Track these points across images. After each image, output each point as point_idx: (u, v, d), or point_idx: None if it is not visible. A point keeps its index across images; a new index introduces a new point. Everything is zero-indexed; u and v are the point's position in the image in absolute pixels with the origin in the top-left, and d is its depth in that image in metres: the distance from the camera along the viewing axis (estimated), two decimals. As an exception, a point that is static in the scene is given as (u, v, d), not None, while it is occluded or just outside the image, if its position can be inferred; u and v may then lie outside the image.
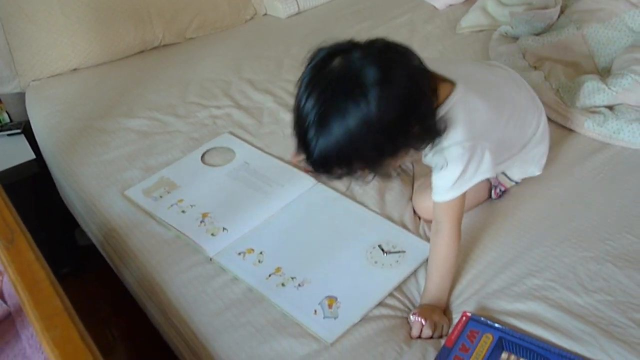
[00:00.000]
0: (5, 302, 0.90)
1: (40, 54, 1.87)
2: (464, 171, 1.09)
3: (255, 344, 1.08)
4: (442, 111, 1.06)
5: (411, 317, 1.11)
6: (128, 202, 1.41)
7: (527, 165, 1.31)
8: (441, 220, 1.14)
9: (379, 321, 1.11)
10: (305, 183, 1.41)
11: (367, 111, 0.91)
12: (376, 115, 0.92)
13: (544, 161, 1.34)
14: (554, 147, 1.49)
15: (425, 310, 1.10)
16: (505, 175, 1.33)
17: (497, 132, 1.15)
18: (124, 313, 1.67)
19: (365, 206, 1.35)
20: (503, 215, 1.32)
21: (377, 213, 1.33)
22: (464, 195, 1.12)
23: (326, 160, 0.96)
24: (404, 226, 1.30)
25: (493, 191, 1.32)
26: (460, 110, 1.08)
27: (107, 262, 1.48)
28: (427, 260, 1.18)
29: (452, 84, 1.09)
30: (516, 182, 1.34)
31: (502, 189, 1.33)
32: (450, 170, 1.10)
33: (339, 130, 0.92)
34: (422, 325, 1.09)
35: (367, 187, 1.35)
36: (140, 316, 1.37)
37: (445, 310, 1.14)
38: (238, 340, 1.09)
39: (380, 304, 1.13)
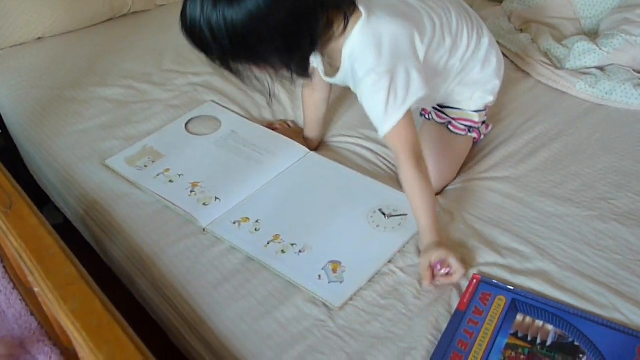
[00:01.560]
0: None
1: (1, 21, 1.77)
2: (390, 96, 1.07)
3: (258, 315, 1.05)
4: (346, 43, 1.07)
5: (422, 260, 1.10)
6: (110, 172, 1.36)
7: (475, 90, 1.30)
8: (397, 155, 1.12)
9: (385, 285, 1.09)
10: (298, 151, 1.39)
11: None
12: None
13: (492, 87, 1.33)
14: (546, 109, 1.50)
15: (430, 251, 1.09)
16: (461, 109, 1.32)
17: (420, 51, 1.13)
18: (104, 292, 1.55)
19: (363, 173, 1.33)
20: (505, 180, 1.32)
21: (374, 179, 1.30)
22: (407, 121, 1.09)
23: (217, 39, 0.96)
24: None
25: (478, 138, 1.34)
26: (365, 37, 1.07)
27: (78, 241, 1.42)
28: None
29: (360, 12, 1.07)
30: (479, 112, 1.33)
31: (470, 124, 1.33)
32: (374, 99, 1.08)
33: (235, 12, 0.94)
34: (433, 270, 1.08)
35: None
36: (124, 294, 1.31)
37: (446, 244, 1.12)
38: (239, 312, 1.06)
39: (385, 266, 1.12)
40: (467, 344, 0.97)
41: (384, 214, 1.23)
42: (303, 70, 1.07)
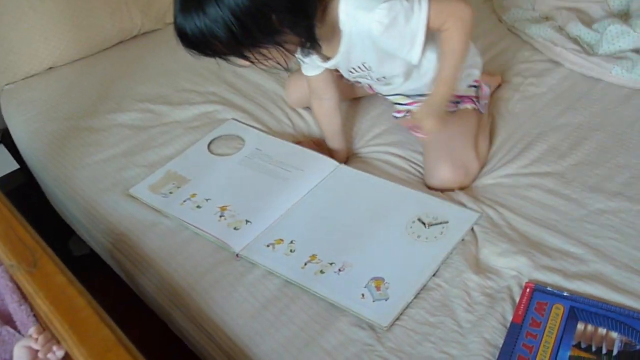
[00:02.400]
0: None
1: (11, 54, 1.75)
2: (406, 11, 1.12)
3: (302, 343, 1.02)
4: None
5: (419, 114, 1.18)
6: (135, 202, 1.34)
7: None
8: (446, 24, 1.14)
9: (433, 300, 1.06)
10: (327, 166, 1.35)
11: None
12: None
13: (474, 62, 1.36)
14: (582, 99, 1.45)
15: (432, 114, 1.18)
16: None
17: None
18: (137, 326, 1.48)
19: (396, 181, 1.30)
20: (547, 176, 1.29)
21: (409, 187, 1.28)
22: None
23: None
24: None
25: (477, 105, 1.34)
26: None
27: (108, 270, 1.41)
28: (472, 229, 1.17)
29: None
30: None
31: (455, 99, 1.32)
32: (395, 27, 1.13)
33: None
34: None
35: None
36: (157, 326, 1.29)
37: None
38: (282, 342, 1.03)
39: (431, 280, 1.09)
40: None
41: (423, 223, 1.20)
42: (311, 37, 1.09)
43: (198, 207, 1.30)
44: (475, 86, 1.37)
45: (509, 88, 1.52)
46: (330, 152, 1.42)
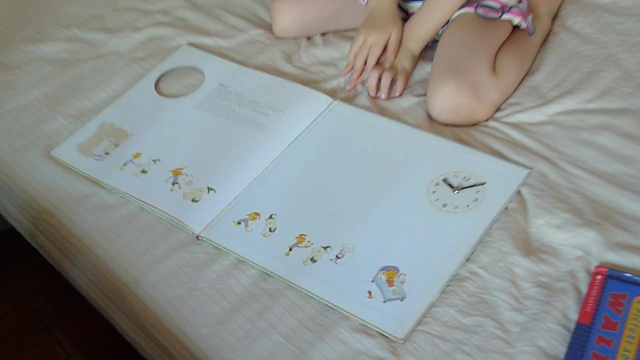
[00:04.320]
0: None
1: None
2: None
3: (288, 359, 0.96)
4: None
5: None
6: (59, 166, 1.30)
7: None
8: None
9: (466, 294, 0.99)
10: (317, 103, 1.31)
11: None
12: None
13: None
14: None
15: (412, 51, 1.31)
16: None
17: None
18: (76, 315, 1.63)
19: (407, 123, 1.27)
20: (622, 113, 1.21)
21: (427, 131, 1.23)
22: None
23: None
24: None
25: (526, 22, 1.31)
26: None
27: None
28: (518, 191, 1.10)
29: None
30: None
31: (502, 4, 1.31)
32: None
33: None
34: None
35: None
36: (99, 317, 1.28)
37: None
38: (261, 357, 0.97)
39: (463, 267, 1.03)
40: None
41: (450, 185, 1.12)
42: None
43: (143, 172, 1.26)
44: None
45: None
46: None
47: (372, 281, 1.02)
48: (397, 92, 1.29)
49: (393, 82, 1.30)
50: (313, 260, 1.07)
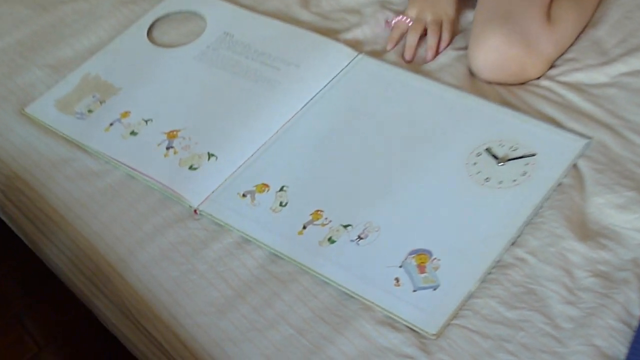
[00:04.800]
0: None
1: None
2: None
3: (300, 355, 0.97)
4: None
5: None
6: (34, 126, 1.31)
7: None
8: None
9: (511, 284, 0.99)
10: (338, 56, 1.31)
11: None
12: None
13: None
14: None
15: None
16: None
17: None
18: (51, 301, 1.63)
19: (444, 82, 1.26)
20: None
21: (467, 92, 1.23)
22: None
23: None
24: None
25: None
26: None
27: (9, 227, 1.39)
28: (574, 164, 1.11)
29: None
30: None
31: None
32: None
33: None
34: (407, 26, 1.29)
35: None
36: (77, 305, 1.30)
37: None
38: (269, 352, 0.98)
39: (508, 252, 1.03)
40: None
41: (495, 156, 1.12)
42: None
43: (133, 133, 1.26)
44: None
45: None
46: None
47: (400, 266, 1.02)
48: (442, 45, 1.30)
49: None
50: (331, 240, 1.07)
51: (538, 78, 1.23)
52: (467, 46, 1.27)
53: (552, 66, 1.25)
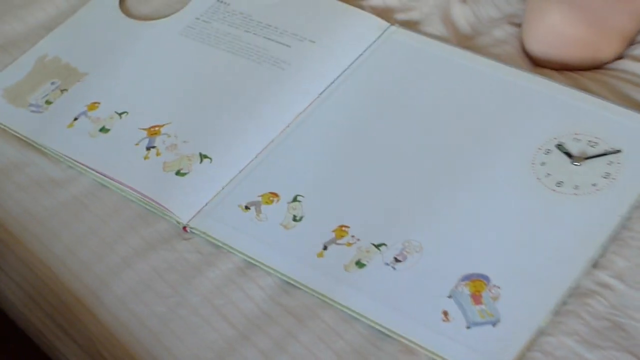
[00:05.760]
0: None
1: None
2: None
3: None
4: None
5: None
6: None
7: None
8: None
9: (592, 316, 0.98)
10: (365, 28, 1.32)
11: None
12: None
13: None
14: None
15: None
16: None
17: None
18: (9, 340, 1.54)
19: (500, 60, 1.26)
20: None
21: (531, 72, 1.24)
22: None
23: None
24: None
25: None
26: None
27: None
28: None
29: None
30: None
31: None
32: None
33: None
34: None
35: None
36: (35, 351, 1.29)
37: None
38: None
39: (588, 276, 1.01)
40: None
41: (569, 154, 1.11)
42: None
43: (103, 130, 1.26)
44: None
45: None
46: None
47: (450, 296, 1.01)
48: None
49: None
50: (360, 264, 1.06)
51: (615, 60, 1.25)
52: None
53: (632, 43, 1.26)
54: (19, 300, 1.24)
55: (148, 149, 1.23)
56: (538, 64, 1.26)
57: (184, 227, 1.14)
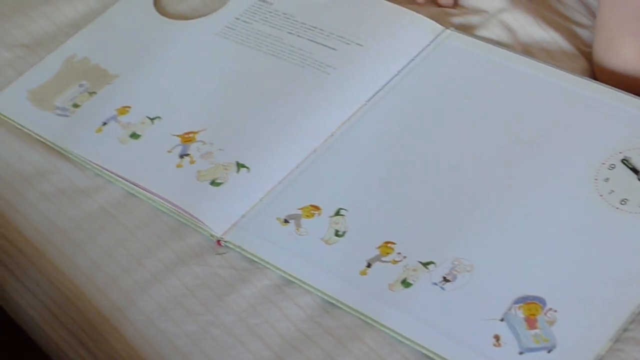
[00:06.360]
0: None
1: None
2: None
3: None
4: None
5: None
6: (1, 126, 1.32)
7: None
8: None
9: None
10: (418, 32, 1.33)
11: None
12: None
13: None
14: None
15: None
16: None
17: None
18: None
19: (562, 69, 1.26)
20: None
21: (591, 80, 1.25)
22: None
23: None
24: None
25: None
26: None
27: None
28: None
29: None
30: None
31: None
32: None
33: None
34: None
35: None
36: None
37: None
38: None
39: None
40: None
41: (634, 169, 1.12)
42: None
43: (134, 136, 1.27)
44: None
45: None
46: None
47: (502, 319, 1.01)
48: None
49: None
50: (406, 283, 1.06)
51: None
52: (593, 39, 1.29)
53: None
54: (40, 316, 1.24)
55: (181, 156, 1.24)
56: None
57: (218, 241, 1.15)
